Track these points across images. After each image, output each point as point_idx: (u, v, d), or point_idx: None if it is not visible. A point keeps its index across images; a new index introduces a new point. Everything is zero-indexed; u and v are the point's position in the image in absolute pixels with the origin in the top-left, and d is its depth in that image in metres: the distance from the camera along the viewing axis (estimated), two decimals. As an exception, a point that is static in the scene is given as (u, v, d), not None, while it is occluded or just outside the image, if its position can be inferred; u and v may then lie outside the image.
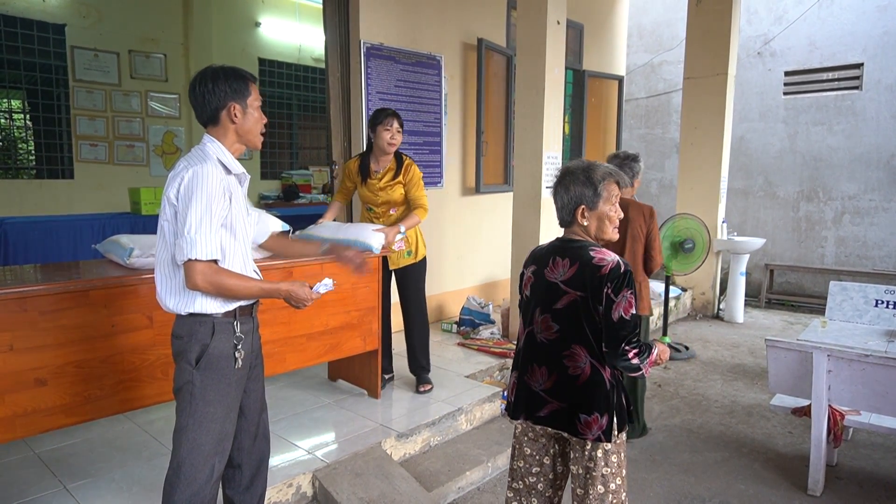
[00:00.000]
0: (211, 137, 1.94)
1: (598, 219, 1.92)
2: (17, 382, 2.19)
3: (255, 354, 2.08)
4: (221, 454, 1.96)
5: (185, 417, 1.90)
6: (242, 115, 1.93)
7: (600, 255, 1.85)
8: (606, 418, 1.84)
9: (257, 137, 2.00)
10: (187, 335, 1.89)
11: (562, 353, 1.89)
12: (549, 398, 1.91)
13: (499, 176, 6.00)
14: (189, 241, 1.77)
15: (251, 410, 2.09)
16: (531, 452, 2.02)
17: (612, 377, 1.87)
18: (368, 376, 3.62)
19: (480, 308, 5.11)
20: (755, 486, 3.16)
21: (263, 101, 2.06)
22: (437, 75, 5.17)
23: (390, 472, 2.88)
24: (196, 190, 1.78)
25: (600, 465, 1.87)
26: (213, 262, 1.82)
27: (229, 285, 1.83)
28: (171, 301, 1.90)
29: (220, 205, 1.83)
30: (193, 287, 1.81)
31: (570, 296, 1.87)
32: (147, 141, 7.04)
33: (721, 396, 4.41)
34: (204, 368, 1.88)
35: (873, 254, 7.17)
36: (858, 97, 7.13)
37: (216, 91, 1.88)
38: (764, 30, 7.70)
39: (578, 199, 1.91)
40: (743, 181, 7.96)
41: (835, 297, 4.01)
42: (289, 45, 8.25)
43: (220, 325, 1.90)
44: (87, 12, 6.47)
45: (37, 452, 2.91)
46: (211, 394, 1.89)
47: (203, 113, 1.92)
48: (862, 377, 2.85)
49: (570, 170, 1.95)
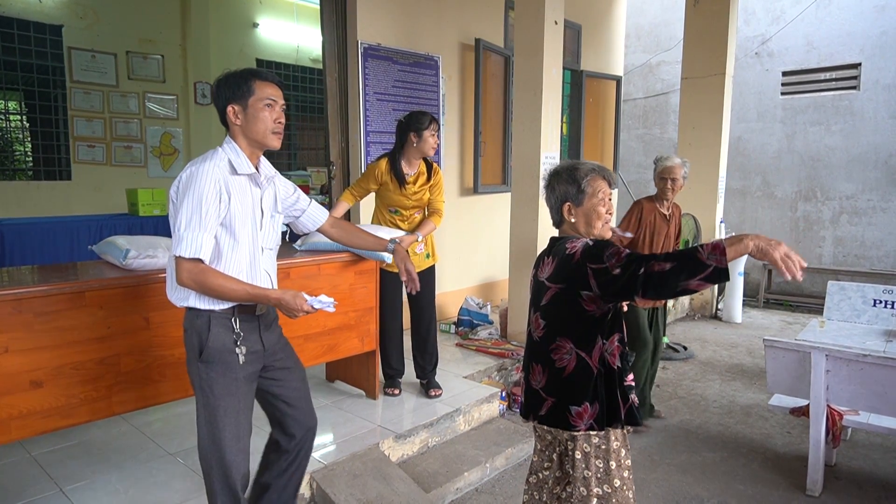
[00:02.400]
0: (228, 139, 2.00)
1: (584, 215, 1.93)
2: (12, 384, 2.18)
3: (272, 352, 2.10)
4: (242, 450, 2.00)
5: (199, 407, 2.00)
6: (243, 116, 1.94)
7: (571, 245, 1.85)
8: (597, 406, 1.84)
9: (267, 137, 1.96)
10: (189, 328, 1.97)
11: (549, 348, 1.90)
12: (545, 395, 1.92)
13: (497, 176, 5.99)
14: (177, 238, 1.84)
15: (292, 397, 2.15)
16: (542, 448, 2.04)
17: (601, 366, 1.85)
18: (366, 377, 3.61)
19: (478, 308, 5.11)
20: (753, 487, 3.15)
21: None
22: (435, 76, 5.17)
23: (388, 473, 2.88)
24: (188, 189, 1.84)
25: (580, 466, 1.86)
26: (199, 260, 1.85)
27: (214, 285, 1.86)
28: (172, 295, 1.99)
29: (214, 205, 1.85)
30: (181, 283, 1.87)
31: (552, 290, 1.89)
32: (145, 142, 7.03)
33: (719, 396, 4.41)
34: (207, 361, 1.94)
35: (871, 254, 7.18)
36: (856, 97, 7.13)
37: (219, 95, 1.95)
38: (761, 30, 7.71)
39: (564, 197, 1.94)
40: (741, 181, 7.96)
41: (833, 297, 4.01)
42: (287, 46, 8.24)
43: (217, 319, 1.94)
44: (85, 13, 6.46)
45: (33, 455, 2.90)
46: (218, 387, 1.95)
47: (219, 117, 1.99)
48: (860, 377, 2.85)
49: (556, 170, 1.99)
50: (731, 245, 1.57)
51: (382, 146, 4.72)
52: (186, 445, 3.00)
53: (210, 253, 1.88)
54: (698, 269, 1.57)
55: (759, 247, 1.55)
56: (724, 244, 1.57)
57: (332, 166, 4.68)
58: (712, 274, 1.57)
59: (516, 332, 4.65)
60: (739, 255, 1.58)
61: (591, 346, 1.85)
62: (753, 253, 1.57)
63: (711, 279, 1.58)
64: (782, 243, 1.56)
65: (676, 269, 1.59)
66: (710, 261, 1.56)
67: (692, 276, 1.58)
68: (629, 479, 1.92)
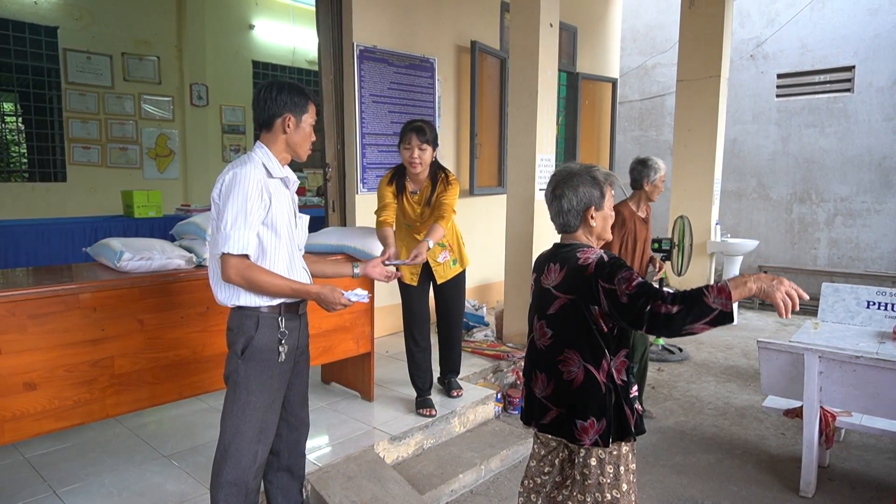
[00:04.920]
0: (260, 143, 2.07)
1: (603, 219, 1.93)
2: (6, 386, 2.17)
3: (301, 350, 2.19)
4: (264, 443, 2.08)
5: (230, 404, 2.05)
6: (295, 128, 2.06)
7: (584, 256, 1.83)
8: (604, 423, 1.81)
9: (304, 151, 2.13)
10: (236, 327, 2.04)
11: (556, 359, 1.88)
12: (550, 405, 1.90)
13: (493, 178, 6.00)
14: (224, 236, 1.91)
15: (292, 403, 2.23)
16: (543, 454, 2.02)
17: (609, 381, 1.83)
18: (362, 379, 3.61)
19: (474, 310, 5.11)
20: (748, 488, 3.16)
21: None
22: (431, 78, 5.17)
23: (383, 475, 2.88)
24: (233, 189, 1.92)
25: (595, 473, 1.85)
26: (245, 256, 1.93)
27: (260, 281, 1.94)
28: (220, 294, 2.05)
29: (257, 204, 1.95)
30: (227, 280, 1.94)
31: (560, 300, 1.86)
32: (140, 144, 7.02)
33: (714, 398, 4.42)
34: (248, 359, 2.01)
35: (865, 255, 7.20)
36: (850, 99, 7.17)
37: (277, 100, 2.02)
38: (756, 32, 7.74)
39: (589, 201, 1.89)
40: (736, 183, 7.99)
41: (827, 299, 4.02)
42: (283, 48, 8.24)
43: (265, 319, 2.02)
44: (80, 15, 6.45)
45: (26, 457, 2.89)
46: (254, 384, 2.02)
47: (260, 117, 2.06)
48: (853, 379, 2.86)
49: (574, 172, 1.92)
50: (735, 288, 1.59)
51: (378, 148, 4.73)
52: (181, 448, 3.00)
53: (255, 249, 1.97)
54: (704, 312, 1.59)
55: (762, 288, 1.58)
56: (729, 287, 1.59)
57: (327, 168, 4.68)
58: (717, 317, 1.59)
59: (512, 333, 4.66)
60: (743, 298, 1.61)
61: (598, 361, 1.82)
62: (757, 294, 1.59)
63: (716, 322, 1.60)
64: (784, 281, 1.58)
65: (683, 312, 1.61)
66: (716, 304, 1.58)
67: (698, 320, 1.60)
68: (633, 483, 1.91)
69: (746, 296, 1.60)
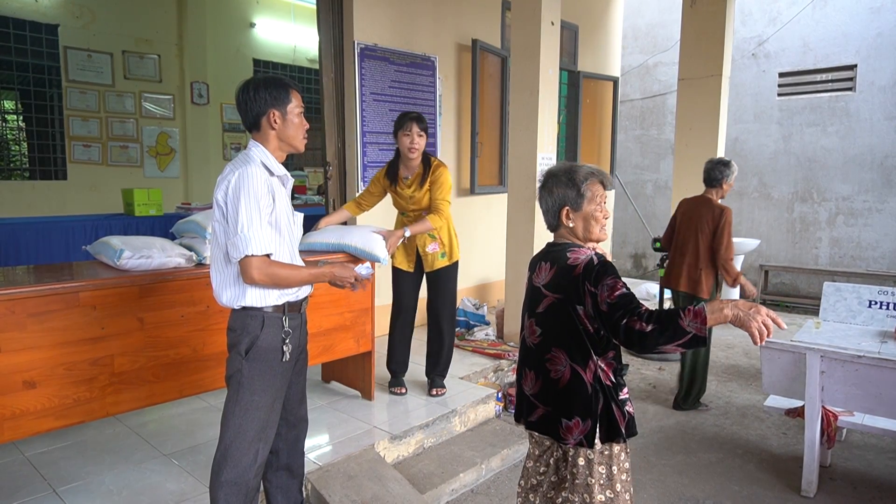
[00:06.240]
0: (255, 142, 2.06)
1: (583, 219, 1.90)
2: (5, 385, 2.17)
3: (301, 349, 2.21)
4: (265, 441, 2.08)
5: (232, 404, 2.04)
6: (282, 121, 2.04)
7: (574, 255, 1.82)
8: (589, 423, 1.80)
9: (299, 141, 2.11)
10: (240, 328, 2.02)
11: (544, 357, 1.88)
12: (538, 402, 1.91)
13: (493, 177, 5.99)
14: (243, 239, 1.89)
15: (291, 401, 2.24)
16: (539, 454, 2.02)
17: (596, 382, 1.82)
18: (362, 378, 3.60)
19: (475, 309, 5.10)
20: (749, 488, 3.16)
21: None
22: (432, 76, 5.16)
23: (383, 474, 2.87)
24: (242, 190, 1.90)
25: (583, 473, 1.84)
26: (267, 255, 1.94)
27: (283, 275, 1.96)
28: (225, 296, 2.03)
29: (266, 203, 1.95)
30: (251, 281, 1.93)
31: (548, 299, 1.87)
32: (141, 142, 7.01)
33: (715, 397, 4.41)
34: (252, 359, 2.01)
35: (867, 255, 7.19)
36: (852, 98, 7.15)
37: (257, 99, 2.00)
38: (758, 31, 7.72)
39: (562, 201, 1.90)
40: (738, 182, 7.95)
41: (829, 298, 4.01)
42: (283, 46, 8.23)
43: (270, 319, 2.03)
44: (81, 12, 6.45)
45: (26, 455, 2.89)
46: (257, 383, 2.02)
47: (246, 119, 2.05)
48: (855, 378, 2.85)
49: (553, 172, 1.94)
50: (711, 313, 1.59)
51: (379, 147, 4.72)
52: (181, 447, 3.00)
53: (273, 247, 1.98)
54: (678, 335, 1.60)
55: (738, 316, 1.57)
56: (706, 312, 1.59)
57: (328, 167, 4.67)
58: (690, 340, 1.60)
59: (513, 332, 4.65)
60: (718, 324, 1.61)
61: (585, 360, 1.82)
62: (733, 322, 1.58)
63: (689, 345, 1.61)
64: (762, 310, 1.57)
65: (656, 332, 1.62)
66: (691, 328, 1.58)
67: (671, 341, 1.61)
68: (628, 482, 1.90)
69: (722, 322, 1.59)
